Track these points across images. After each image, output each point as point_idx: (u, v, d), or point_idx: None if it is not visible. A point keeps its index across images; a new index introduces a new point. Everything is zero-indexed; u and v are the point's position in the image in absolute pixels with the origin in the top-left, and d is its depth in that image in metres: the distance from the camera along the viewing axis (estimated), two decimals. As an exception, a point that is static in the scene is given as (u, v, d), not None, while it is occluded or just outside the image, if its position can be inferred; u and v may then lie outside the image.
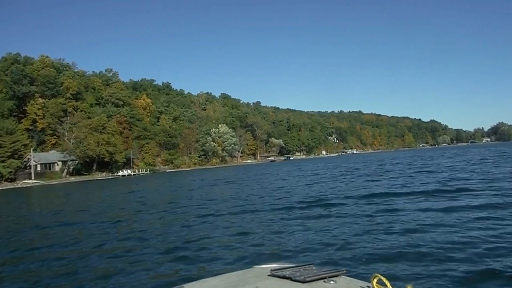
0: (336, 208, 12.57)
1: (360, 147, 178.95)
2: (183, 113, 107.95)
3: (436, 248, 6.66)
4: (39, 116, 75.43)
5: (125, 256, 8.17)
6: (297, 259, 6.40)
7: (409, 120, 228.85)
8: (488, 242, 6.84)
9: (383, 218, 9.99)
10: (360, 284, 1.88)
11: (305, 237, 8.62)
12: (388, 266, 5.97)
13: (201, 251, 8.00)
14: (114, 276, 6.76)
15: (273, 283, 1.92)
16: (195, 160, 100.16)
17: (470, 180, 17.64)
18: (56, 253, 9.14)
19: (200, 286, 1.99)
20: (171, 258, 7.67)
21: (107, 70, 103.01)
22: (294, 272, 1.99)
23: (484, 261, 5.82)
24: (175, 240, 9.44)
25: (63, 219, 15.84)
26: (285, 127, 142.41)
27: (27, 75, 75.32)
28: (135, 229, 11.59)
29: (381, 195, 14.74)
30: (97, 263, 7.87)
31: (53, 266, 7.92)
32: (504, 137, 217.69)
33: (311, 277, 1.89)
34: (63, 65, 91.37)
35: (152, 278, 6.49)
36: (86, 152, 69.59)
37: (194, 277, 4.87)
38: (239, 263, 6.60)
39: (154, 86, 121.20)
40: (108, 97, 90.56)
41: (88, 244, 9.81)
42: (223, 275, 2.17)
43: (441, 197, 13.00)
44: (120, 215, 15.62)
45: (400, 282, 4.51)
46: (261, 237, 8.98)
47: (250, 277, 2.04)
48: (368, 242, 7.57)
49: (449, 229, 8.10)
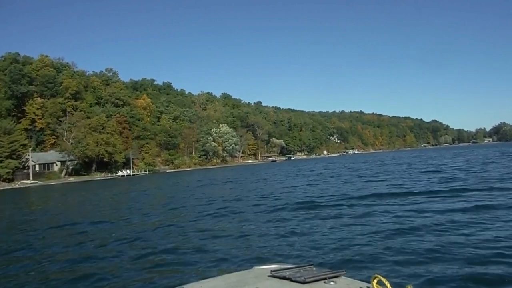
0: (336, 208, 12.52)
1: (362, 147, 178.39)
2: (183, 113, 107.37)
3: (436, 248, 6.67)
4: (38, 116, 74.96)
5: (123, 257, 8.10)
6: (297, 260, 6.43)
7: (411, 120, 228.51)
8: (489, 242, 6.87)
9: (383, 218, 9.96)
10: (360, 285, 1.88)
11: (306, 237, 8.60)
12: (388, 266, 5.93)
13: (202, 251, 7.98)
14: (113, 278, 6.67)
15: (273, 283, 1.92)
16: (196, 160, 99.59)
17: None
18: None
19: (200, 286, 1.99)
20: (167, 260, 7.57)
21: (107, 70, 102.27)
22: (294, 273, 1.99)
23: (485, 262, 5.79)
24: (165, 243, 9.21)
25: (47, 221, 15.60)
26: (286, 127, 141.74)
27: (25, 75, 74.71)
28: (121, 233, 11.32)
29: (381, 195, 14.78)
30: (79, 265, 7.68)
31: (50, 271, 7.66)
32: (506, 137, 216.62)
33: (311, 278, 1.89)
34: (63, 65, 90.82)
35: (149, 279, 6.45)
36: (85, 152, 69.00)
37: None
38: (239, 263, 6.59)
39: (154, 86, 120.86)
40: (107, 97, 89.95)
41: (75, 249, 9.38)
42: (223, 276, 2.17)
43: (443, 198, 12.98)
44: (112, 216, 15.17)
45: (400, 282, 4.37)
46: (262, 237, 8.96)
47: (250, 278, 2.05)
48: (368, 242, 7.56)
49: (450, 229, 8.06)
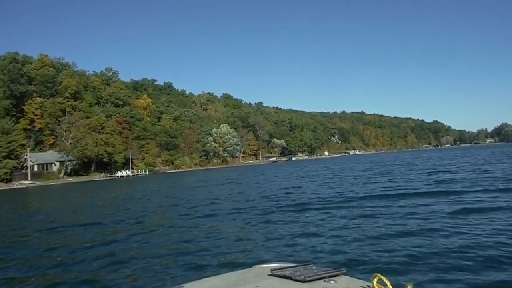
0: (337, 208, 12.47)
1: (363, 147, 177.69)
2: (184, 113, 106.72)
3: (437, 248, 6.66)
4: (37, 115, 74.46)
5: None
6: (297, 259, 6.41)
7: (412, 121, 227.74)
8: (489, 242, 6.85)
9: (383, 218, 9.97)
10: (360, 283, 1.87)
11: (306, 237, 8.59)
12: (389, 266, 5.92)
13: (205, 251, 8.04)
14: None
15: (273, 282, 1.92)
16: (196, 160, 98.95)
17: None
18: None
19: (200, 285, 1.98)
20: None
21: (107, 69, 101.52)
22: (294, 272, 1.98)
23: (486, 263, 5.74)
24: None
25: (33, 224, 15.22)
26: (287, 127, 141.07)
27: (25, 74, 74.14)
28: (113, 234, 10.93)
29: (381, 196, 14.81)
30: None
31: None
32: (508, 137, 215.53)
33: (311, 276, 1.89)
34: (63, 64, 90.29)
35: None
36: (84, 152, 68.36)
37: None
38: (240, 263, 6.57)
39: (155, 86, 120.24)
40: (107, 97, 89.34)
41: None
42: (223, 275, 2.17)
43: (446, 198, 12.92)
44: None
45: (400, 281, 4.30)
46: (262, 237, 8.99)
47: (250, 277, 2.04)
48: (368, 242, 7.56)
49: (450, 229, 8.06)
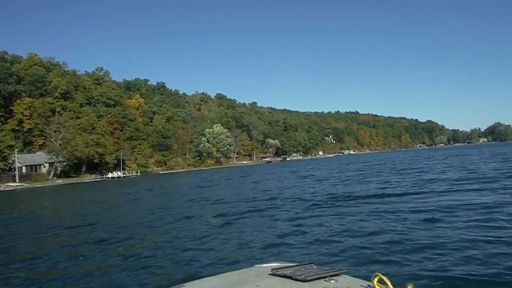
0: (336, 208, 12.41)
1: (357, 147, 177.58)
2: (177, 113, 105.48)
3: (437, 248, 6.62)
4: (26, 116, 72.61)
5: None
6: (298, 258, 6.35)
7: (406, 121, 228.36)
8: (490, 243, 6.77)
9: (383, 218, 9.93)
10: (360, 283, 1.88)
11: (307, 237, 8.57)
12: (389, 265, 5.88)
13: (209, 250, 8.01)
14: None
15: (274, 282, 1.92)
16: (189, 161, 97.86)
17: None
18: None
19: (201, 285, 1.98)
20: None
21: (98, 69, 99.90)
22: (295, 271, 1.99)
23: (485, 262, 5.69)
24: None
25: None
26: (281, 127, 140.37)
27: (13, 74, 72.48)
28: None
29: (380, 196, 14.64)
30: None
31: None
32: (501, 137, 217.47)
33: (312, 276, 1.89)
34: (53, 64, 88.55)
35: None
36: (74, 153, 66.94)
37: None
38: (240, 262, 6.57)
39: (148, 86, 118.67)
40: (98, 97, 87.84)
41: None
42: (224, 274, 2.17)
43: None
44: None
45: (400, 281, 4.13)
46: (262, 237, 8.97)
47: (251, 276, 2.04)
48: (368, 242, 7.49)
49: (451, 229, 8.03)
